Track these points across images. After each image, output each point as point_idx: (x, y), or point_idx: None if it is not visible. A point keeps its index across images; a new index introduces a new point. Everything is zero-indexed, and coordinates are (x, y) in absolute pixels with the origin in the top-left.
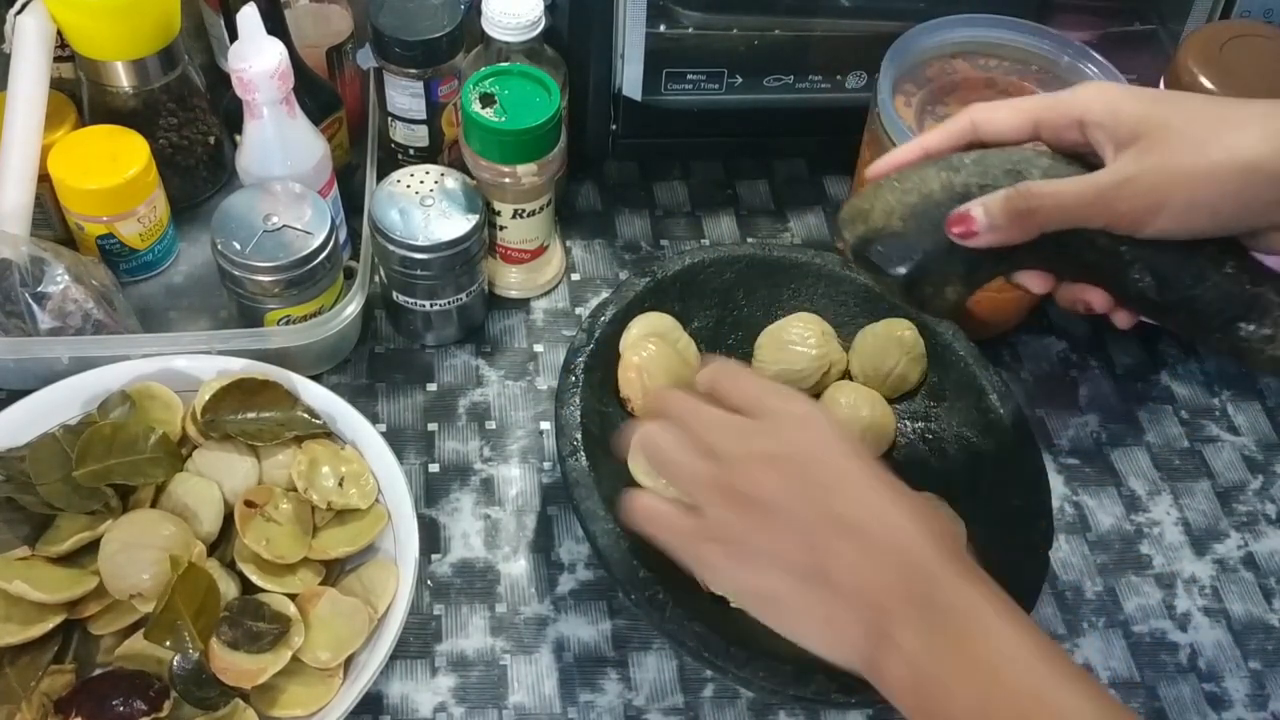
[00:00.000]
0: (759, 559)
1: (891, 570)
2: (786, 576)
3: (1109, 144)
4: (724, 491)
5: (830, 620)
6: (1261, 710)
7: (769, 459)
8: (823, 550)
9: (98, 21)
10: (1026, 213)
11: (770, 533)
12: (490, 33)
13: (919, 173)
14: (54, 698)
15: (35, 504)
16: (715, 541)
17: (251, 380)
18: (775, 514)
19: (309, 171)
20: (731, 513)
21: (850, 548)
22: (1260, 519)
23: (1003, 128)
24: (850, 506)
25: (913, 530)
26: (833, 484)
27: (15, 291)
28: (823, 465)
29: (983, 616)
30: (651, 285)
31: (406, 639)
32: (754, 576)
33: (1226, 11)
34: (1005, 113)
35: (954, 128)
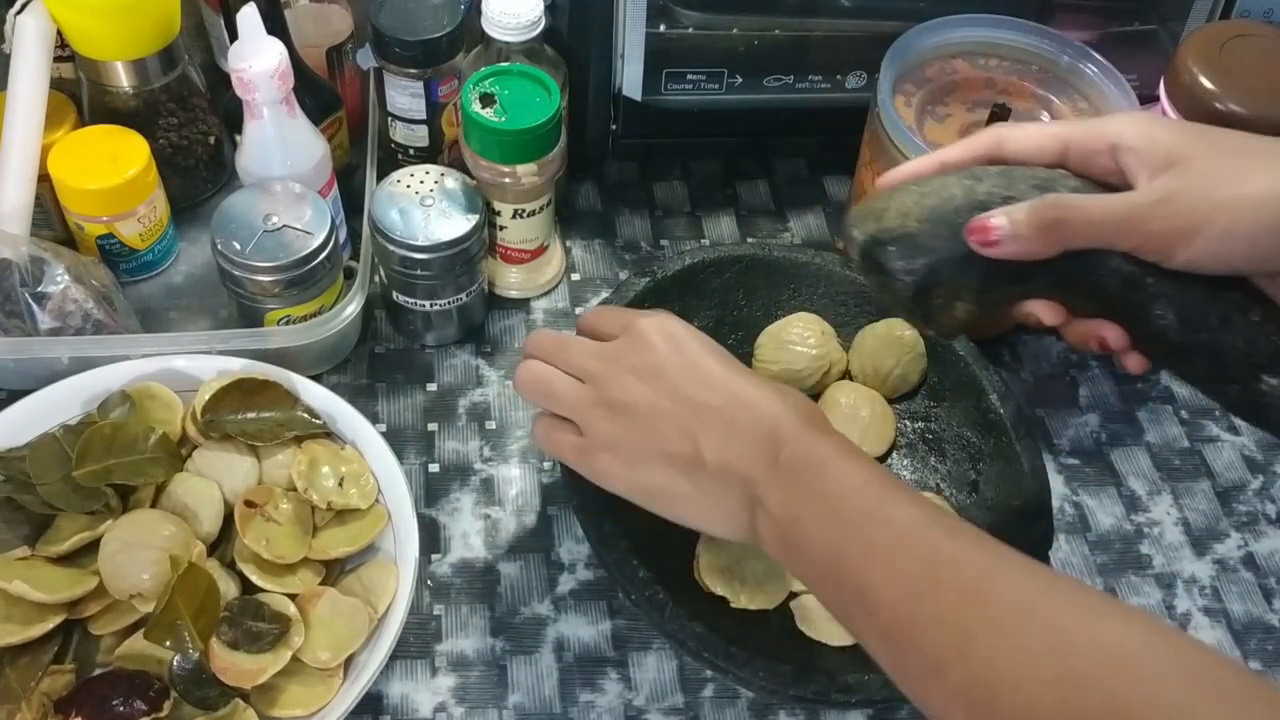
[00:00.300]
0: (643, 459)
1: (753, 442)
2: (669, 469)
3: (1143, 169)
4: (599, 405)
5: (714, 501)
6: None
7: (631, 369)
8: (692, 437)
9: (98, 21)
10: (1054, 224)
11: (646, 433)
12: (490, 33)
13: (939, 179)
14: (54, 698)
15: (35, 504)
16: (603, 450)
17: (251, 380)
18: (646, 415)
19: (309, 171)
20: (610, 423)
21: (715, 430)
22: (1260, 519)
23: (1029, 147)
24: (708, 394)
25: (767, 403)
26: (691, 378)
27: (15, 291)
28: (681, 364)
29: (829, 462)
30: (651, 285)
31: (406, 639)
32: (643, 475)
33: (1226, 11)
34: (1033, 130)
35: (976, 144)
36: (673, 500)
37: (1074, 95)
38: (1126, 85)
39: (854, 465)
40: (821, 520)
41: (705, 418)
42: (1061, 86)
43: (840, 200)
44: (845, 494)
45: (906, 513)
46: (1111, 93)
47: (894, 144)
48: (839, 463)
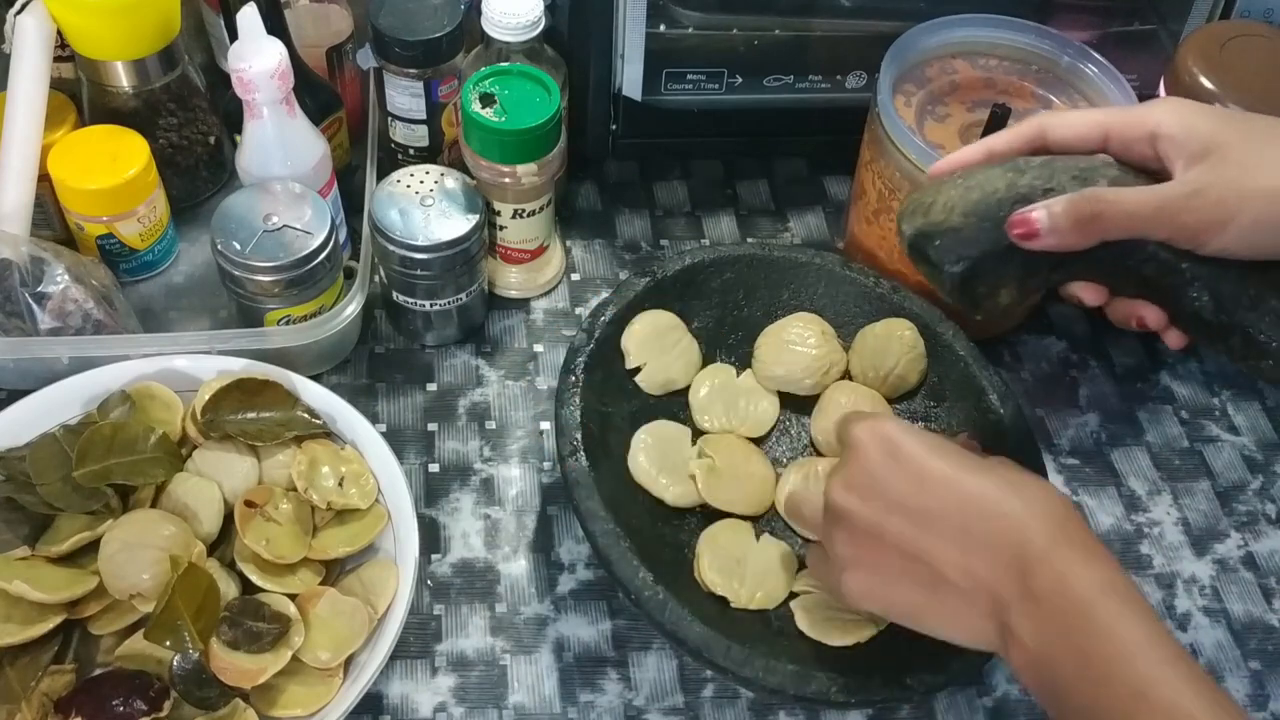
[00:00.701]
0: (886, 577)
1: (996, 559)
2: (910, 585)
3: (1180, 158)
4: (836, 527)
5: (960, 617)
6: (1261, 710)
7: (852, 484)
8: (924, 552)
9: (98, 21)
10: (1091, 217)
11: (878, 551)
12: (490, 33)
13: (984, 171)
14: (54, 698)
15: (35, 504)
16: (843, 573)
17: (251, 380)
18: (875, 534)
19: (309, 171)
20: (846, 545)
21: (950, 544)
22: (1260, 519)
23: (1071, 135)
24: (935, 501)
25: (1005, 507)
26: (914, 486)
27: (15, 291)
28: (900, 471)
29: (1093, 609)
30: (651, 285)
31: (406, 639)
32: (888, 593)
33: (1226, 11)
34: (1076, 118)
35: (1023, 131)
36: (921, 616)
37: (1074, 95)
38: (1126, 85)
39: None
40: (1082, 676)
41: (937, 528)
42: (1061, 86)
43: (840, 200)
44: (1112, 658)
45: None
46: (1111, 93)
47: (894, 144)
48: (1104, 610)
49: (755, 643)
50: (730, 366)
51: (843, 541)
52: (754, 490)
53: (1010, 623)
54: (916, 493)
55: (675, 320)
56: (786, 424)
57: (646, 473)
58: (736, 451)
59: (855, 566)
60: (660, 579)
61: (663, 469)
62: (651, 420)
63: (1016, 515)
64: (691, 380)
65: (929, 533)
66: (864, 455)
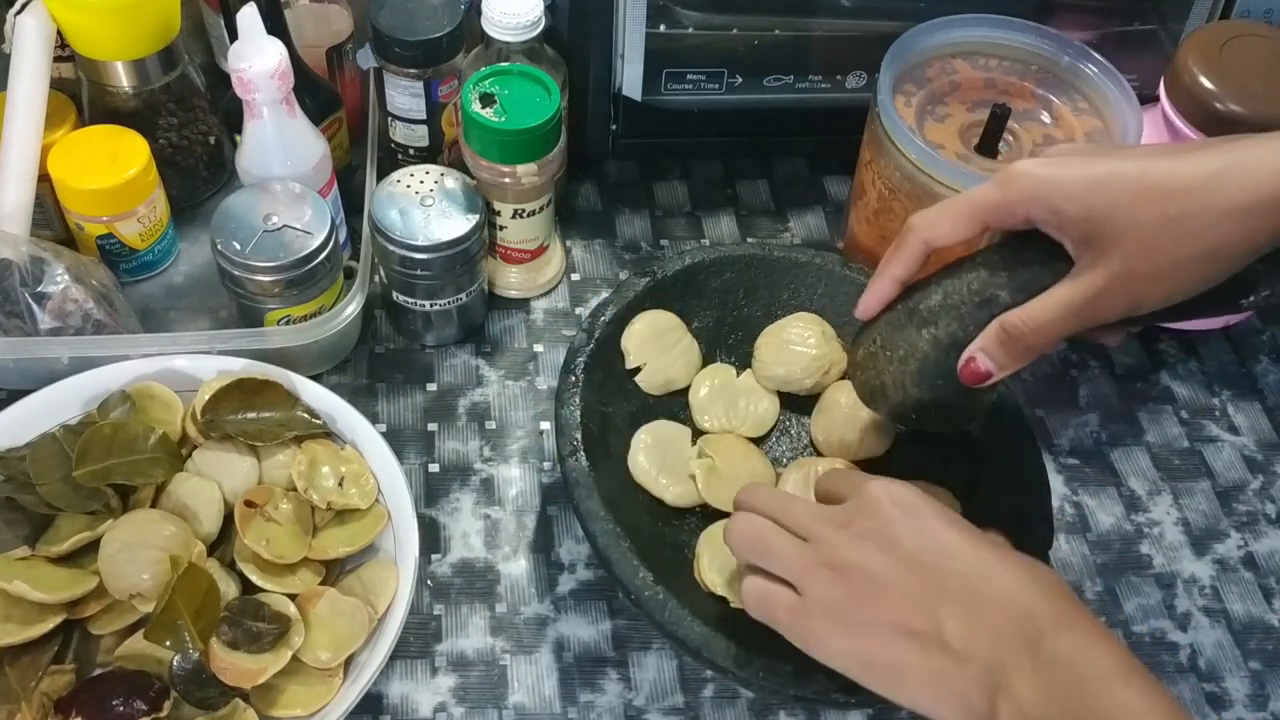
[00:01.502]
0: (869, 628)
1: (1005, 622)
2: (899, 641)
3: (1065, 239)
4: (822, 565)
5: (946, 681)
6: (1261, 710)
7: (862, 532)
8: (930, 609)
9: (98, 21)
10: (1021, 347)
11: (875, 600)
12: (490, 33)
13: (903, 335)
14: (54, 698)
15: (35, 504)
16: (823, 614)
17: (251, 380)
18: (879, 582)
19: (309, 171)
20: (833, 585)
21: (958, 606)
22: (1260, 519)
23: (950, 240)
24: (949, 563)
25: (1019, 580)
26: (929, 546)
27: (15, 291)
28: (917, 530)
29: (1097, 671)
30: (651, 285)
31: (406, 639)
32: (867, 646)
33: (1226, 11)
34: (949, 226)
35: (911, 252)
36: (898, 675)
37: (1074, 95)
38: (1126, 85)
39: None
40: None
41: (946, 588)
42: (1061, 86)
43: (840, 200)
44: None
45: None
46: (1111, 93)
47: (894, 144)
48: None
49: (756, 642)
50: (730, 366)
51: (828, 580)
52: None
53: (1010, 687)
54: (929, 552)
55: (675, 320)
56: (786, 424)
57: (646, 473)
58: (736, 451)
59: (834, 610)
60: (660, 579)
61: (663, 469)
62: (651, 420)
63: (1027, 587)
64: (691, 380)
65: (936, 590)
66: (879, 509)
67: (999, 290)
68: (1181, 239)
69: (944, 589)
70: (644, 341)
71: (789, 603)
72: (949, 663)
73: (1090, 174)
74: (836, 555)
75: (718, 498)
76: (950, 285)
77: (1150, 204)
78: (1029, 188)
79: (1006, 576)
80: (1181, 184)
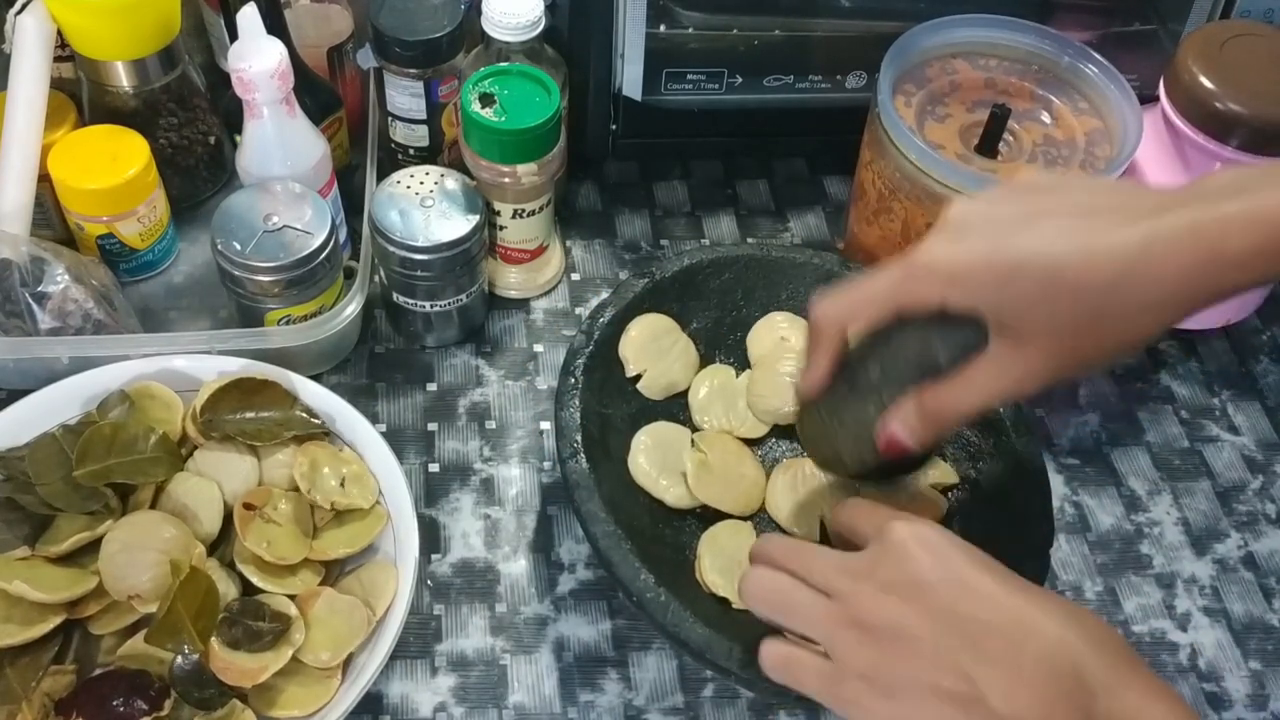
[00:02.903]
0: (906, 691)
1: (1050, 686)
2: (941, 706)
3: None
4: (850, 625)
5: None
6: (1261, 710)
7: (888, 584)
8: (966, 670)
9: (98, 21)
10: (939, 421)
11: (909, 660)
12: (490, 33)
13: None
14: (55, 698)
15: (35, 504)
16: (856, 679)
17: (250, 380)
18: (910, 640)
19: (309, 171)
20: (864, 647)
21: (1001, 668)
22: (1260, 519)
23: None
24: (984, 614)
25: (1064, 635)
26: (961, 595)
27: (15, 291)
28: (947, 578)
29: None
30: (650, 286)
31: (406, 639)
32: (907, 710)
33: (1226, 11)
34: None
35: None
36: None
37: (1074, 95)
38: (1126, 85)
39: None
40: None
41: (983, 646)
42: (1061, 86)
43: (840, 200)
44: None
45: None
46: (1111, 93)
47: (894, 144)
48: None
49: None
50: (729, 367)
51: (858, 641)
52: (744, 490)
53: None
54: (963, 602)
55: (670, 323)
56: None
57: (647, 474)
58: (730, 451)
59: (867, 675)
60: (661, 580)
61: (663, 470)
62: (651, 421)
63: (1071, 639)
64: (691, 381)
65: (972, 650)
66: (905, 556)
67: (936, 353)
68: (1094, 336)
69: (982, 646)
70: (642, 347)
71: (819, 668)
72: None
73: (1000, 264)
74: (864, 612)
75: (707, 494)
76: (885, 357)
77: (1063, 305)
78: (941, 276)
79: (1048, 628)
80: (1094, 285)
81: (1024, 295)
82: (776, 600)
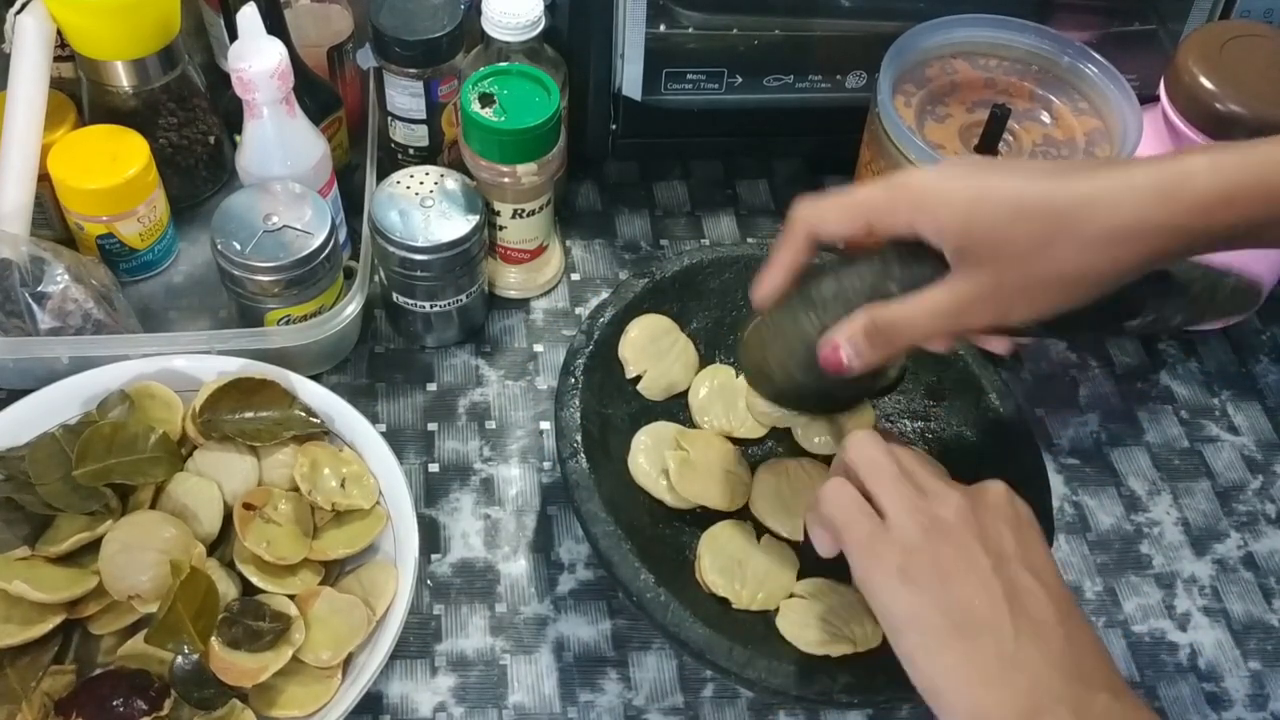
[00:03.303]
0: (938, 590)
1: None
2: (942, 616)
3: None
4: (920, 511)
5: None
6: (1261, 710)
7: (969, 506)
8: (1003, 612)
9: (98, 21)
10: (886, 340)
11: (960, 571)
12: (490, 33)
13: (792, 317)
14: (55, 698)
15: (35, 504)
16: (891, 548)
17: (249, 380)
18: (969, 558)
19: (309, 171)
20: (927, 537)
21: (1033, 625)
22: (1260, 519)
23: (836, 231)
24: (1043, 591)
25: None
26: (1032, 566)
27: (15, 291)
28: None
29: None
30: (650, 286)
31: (406, 639)
32: (924, 601)
33: (1226, 11)
34: (834, 219)
35: (796, 240)
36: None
37: (1074, 95)
38: (1126, 85)
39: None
40: None
41: (1026, 604)
42: (1061, 86)
43: None
44: None
45: None
46: (1111, 93)
47: (894, 144)
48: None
49: (757, 644)
50: (729, 367)
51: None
52: (730, 486)
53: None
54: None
55: (669, 324)
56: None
57: (646, 474)
58: (713, 448)
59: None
60: (661, 580)
61: (663, 470)
62: (651, 421)
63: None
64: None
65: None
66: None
67: (890, 284)
68: (1047, 261)
69: (1024, 601)
70: (641, 348)
71: (871, 525)
72: (998, 664)
73: (972, 189)
74: (945, 517)
75: (689, 490)
76: (844, 276)
77: (1023, 224)
78: (914, 196)
79: (1084, 628)
80: (1053, 208)
81: (988, 215)
82: (873, 463)
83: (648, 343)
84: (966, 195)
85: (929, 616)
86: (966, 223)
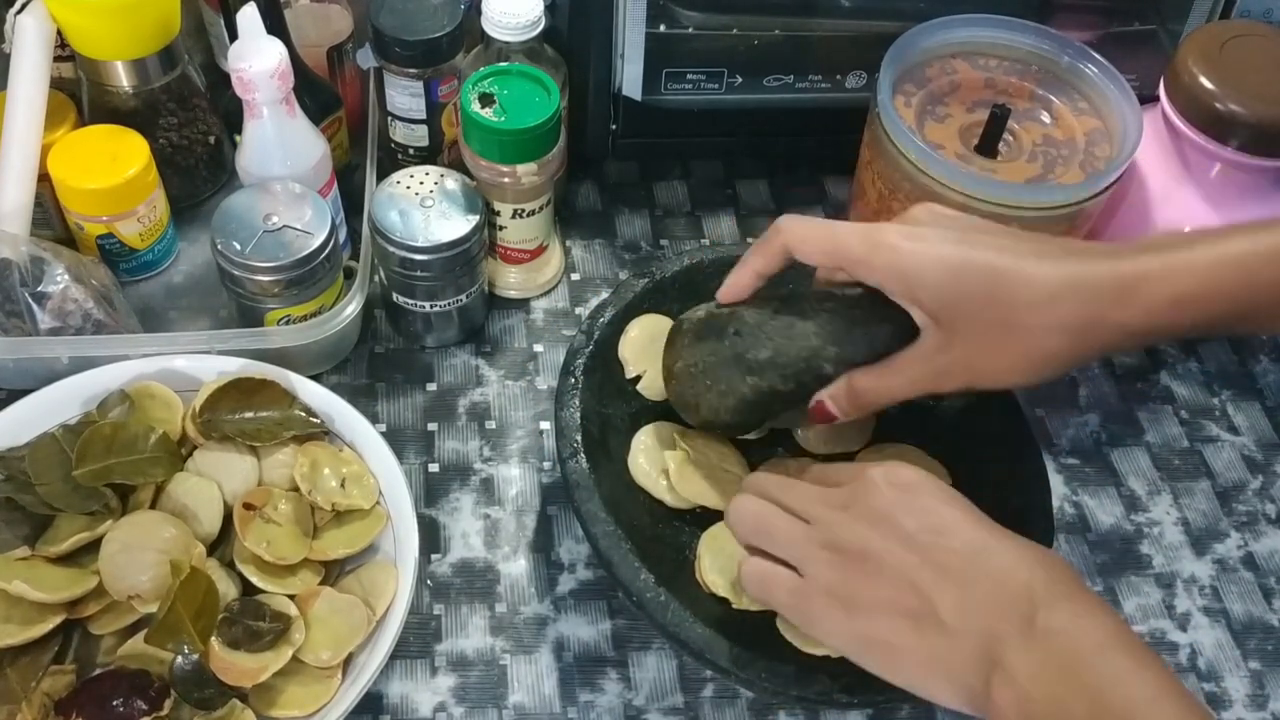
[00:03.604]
0: (866, 607)
1: (1000, 597)
2: (894, 620)
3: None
4: (823, 547)
5: (940, 659)
6: (1261, 710)
7: (861, 514)
8: (923, 589)
9: (98, 21)
10: (864, 404)
11: (872, 579)
12: (490, 33)
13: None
14: (55, 698)
15: (35, 504)
16: (822, 595)
17: (249, 380)
18: (875, 562)
19: (309, 171)
20: (833, 568)
21: (954, 584)
22: (1260, 519)
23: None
24: (946, 541)
25: (1019, 559)
26: (926, 525)
27: (15, 291)
28: (915, 509)
29: (1090, 642)
30: (650, 286)
31: (406, 639)
32: (864, 625)
33: (1226, 11)
34: (814, 248)
35: (774, 252)
36: (893, 655)
37: (1074, 95)
38: (1126, 85)
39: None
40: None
41: (942, 567)
42: (1061, 87)
43: (840, 200)
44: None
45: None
46: (1111, 93)
47: (894, 144)
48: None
49: (757, 644)
50: None
51: (828, 563)
52: (729, 487)
53: (1005, 660)
54: (927, 530)
55: (669, 324)
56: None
57: (646, 474)
58: (714, 449)
59: (833, 591)
60: (661, 580)
61: (663, 470)
62: (651, 421)
63: (1026, 563)
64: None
65: (932, 566)
66: (878, 491)
67: (823, 363)
68: (1017, 345)
69: (940, 566)
70: (641, 348)
71: (790, 584)
72: (943, 640)
73: (949, 261)
74: (836, 536)
75: (690, 491)
76: (781, 344)
77: (995, 307)
78: (892, 259)
79: (1005, 553)
80: (1025, 298)
81: (968, 292)
82: (758, 524)
83: (648, 343)
84: (943, 268)
85: (876, 634)
86: (941, 297)
